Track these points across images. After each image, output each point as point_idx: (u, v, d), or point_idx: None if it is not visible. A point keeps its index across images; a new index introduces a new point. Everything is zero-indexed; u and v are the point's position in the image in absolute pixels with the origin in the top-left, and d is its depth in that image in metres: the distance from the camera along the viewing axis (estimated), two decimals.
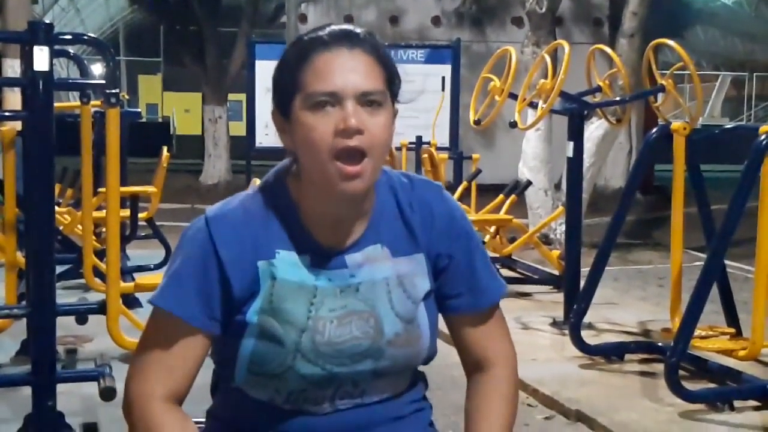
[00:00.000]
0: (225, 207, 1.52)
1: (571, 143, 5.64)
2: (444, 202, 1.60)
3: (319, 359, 1.49)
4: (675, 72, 5.74)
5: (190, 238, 1.50)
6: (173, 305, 1.48)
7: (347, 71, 1.41)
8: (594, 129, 8.68)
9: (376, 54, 1.45)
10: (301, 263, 1.49)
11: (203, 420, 1.68)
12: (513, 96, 5.70)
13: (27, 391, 3.70)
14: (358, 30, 1.47)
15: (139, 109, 8.28)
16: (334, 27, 1.47)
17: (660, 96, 5.81)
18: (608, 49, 6.25)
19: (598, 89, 6.03)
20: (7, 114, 4.22)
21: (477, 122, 5.90)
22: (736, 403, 4.04)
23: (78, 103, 4.60)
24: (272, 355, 1.48)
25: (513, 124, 5.74)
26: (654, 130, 4.70)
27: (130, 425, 1.52)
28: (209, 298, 1.47)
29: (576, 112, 5.69)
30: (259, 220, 1.49)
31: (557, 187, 9.10)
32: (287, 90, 1.45)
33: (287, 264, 1.49)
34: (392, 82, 1.47)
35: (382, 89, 1.44)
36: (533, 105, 6.06)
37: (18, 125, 4.19)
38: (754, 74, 29.14)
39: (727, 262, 4.60)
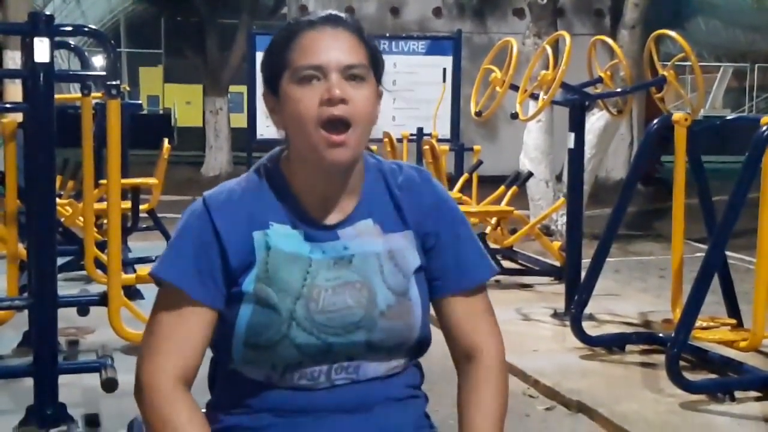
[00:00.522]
0: (221, 187, 1.60)
1: (572, 134, 5.64)
2: (431, 185, 1.65)
3: (314, 328, 1.52)
4: (676, 63, 5.74)
5: (188, 215, 1.57)
6: (174, 277, 1.53)
7: (331, 47, 1.50)
8: (595, 120, 8.67)
9: (359, 34, 1.54)
10: (295, 236, 1.55)
11: (203, 411, 1.69)
12: (514, 87, 5.69)
13: (29, 382, 3.71)
14: (342, 14, 1.57)
15: (140, 101, 8.28)
16: (319, 12, 1.57)
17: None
18: (609, 40, 6.24)
19: (600, 80, 6.02)
20: (8, 106, 4.21)
21: (478, 114, 5.89)
22: (737, 394, 4.05)
23: (79, 94, 4.61)
24: (268, 323, 1.51)
25: (514, 116, 5.73)
26: (655, 121, 4.69)
27: (141, 408, 1.54)
28: (210, 270, 1.52)
29: (577, 103, 5.68)
30: (253, 196, 1.56)
31: (558, 178, 9.10)
32: (276, 69, 1.53)
33: (281, 235, 1.54)
34: (375, 62, 1.56)
35: (365, 64, 1.52)
36: (534, 96, 6.06)
37: (19, 117, 4.19)
38: (756, 65, 29.07)
39: (728, 253, 4.59)
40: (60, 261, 4.49)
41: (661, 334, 4.90)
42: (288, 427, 1.55)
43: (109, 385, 3.74)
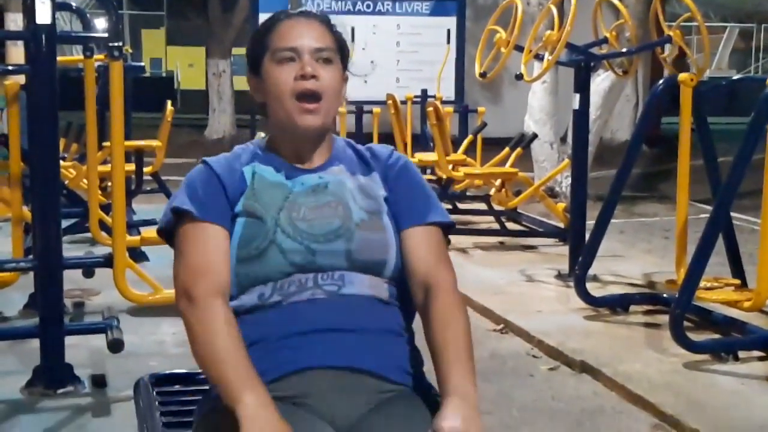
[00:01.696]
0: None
1: (578, 95, 5.61)
2: (393, 150, 1.91)
3: (297, 234, 1.72)
4: (682, 23, 5.69)
5: (189, 173, 1.83)
6: (189, 206, 1.74)
7: (304, 34, 1.80)
8: (600, 81, 8.63)
9: (328, 25, 1.84)
10: (278, 175, 1.81)
11: None
12: (519, 48, 5.66)
13: (35, 343, 3.74)
14: (314, 11, 1.91)
15: (143, 63, 8.25)
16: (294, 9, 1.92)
17: (667, 47, 5.76)
18: (615, 0, 6.19)
19: (605, 41, 5.98)
20: (10, 68, 4.20)
21: (483, 75, 5.86)
22: (741, 354, 4.07)
23: (81, 56, 4.59)
24: (256, 232, 1.72)
25: (519, 77, 5.70)
26: (661, 81, 4.67)
27: (183, 312, 1.68)
28: (216, 197, 1.76)
29: (582, 63, 5.64)
30: (243, 154, 1.86)
31: (563, 140, 9.07)
32: (259, 52, 1.82)
33: (265, 170, 1.81)
34: (341, 49, 1.84)
35: (332, 48, 1.81)
36: (539, 57, 6.02)
37: (22, 79, 4.17)
38: (762, 26, 28.85)
39: (733, 213, 4.59)
40: (65, 223, 4.50)
41: (665, 295, 4.91)
42: (282, 350, 1.66)
43: (116, 346, 3.76)
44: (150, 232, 5.30)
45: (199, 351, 1.63)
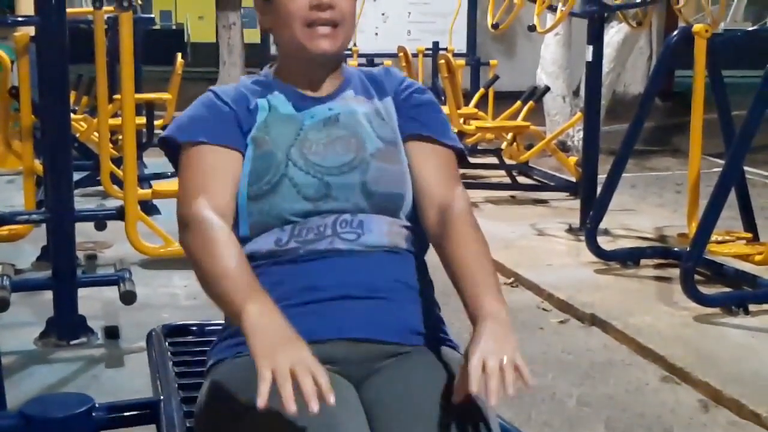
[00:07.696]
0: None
1: (591, 47, 5.55)
2: (402, 75, 1.84)
3: (309, 168, 1.65)
4: None
5: (196, 102, 1.77)
6: (194, 134, 1.68)
7: None
8: (614, 33, 8.54)
9: None
10: (289, 105, 1.74)
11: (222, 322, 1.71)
12: None
13: (48, 295, 3.76)
14: None
15: (153, 15, 8.19)
16: None
17: None
18: None
19: None
20: (20, 19, 4.19)
21: (495, 26, 5.82)
22: (751, 307, 4.07)
23: (90, 8, 4.56)
24: (267, 165, 1.65)
25: (532, 28, 5.65)
26: (675, 33, 4.62)
27: (184, 241, 1.60)
28: (226, 121, 1.70)
29: (596, 15, 5.58)
30: (253, 84, 1.79)
31: (575, 93, 9.02)
32: None
33: (279, 100, 1.74)
34: None
35: None
36: (552, 8, 5.96)
37: (32, 31, 4.16)
38: None
39: (745, 167, 4.56)
40: (76, 176, 4.51)
41: (676, 249, 4.90)
42: (296, 318, 1.48)
43: (128, 298, 3.79)
44: (161, 185, 5.32)
45: (199, 271, 1.53)
